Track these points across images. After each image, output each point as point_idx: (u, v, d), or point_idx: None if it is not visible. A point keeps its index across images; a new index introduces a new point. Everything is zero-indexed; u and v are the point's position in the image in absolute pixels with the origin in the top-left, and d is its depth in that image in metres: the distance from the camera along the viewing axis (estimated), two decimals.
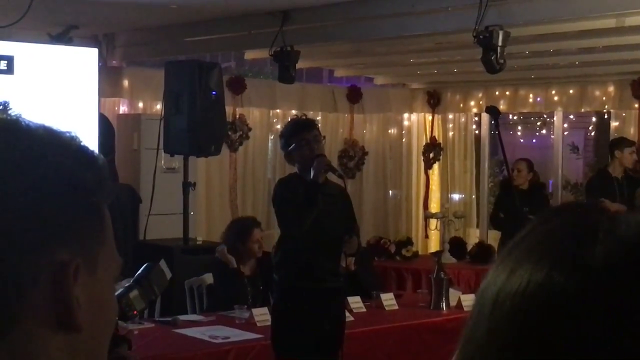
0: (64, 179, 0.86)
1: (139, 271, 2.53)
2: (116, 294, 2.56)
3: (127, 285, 2.49)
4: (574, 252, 0.74)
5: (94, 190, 0.89)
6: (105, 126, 8.67)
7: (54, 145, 0.88)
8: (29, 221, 0.83)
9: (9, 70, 7.71)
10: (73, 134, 0.91)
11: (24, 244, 0.83)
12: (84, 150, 0.90)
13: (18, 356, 0.84)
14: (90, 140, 8.06)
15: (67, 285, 0.86)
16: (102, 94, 8.66)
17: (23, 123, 0.89)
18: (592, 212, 0.79)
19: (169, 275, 2.65)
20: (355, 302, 6.64)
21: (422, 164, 12.01)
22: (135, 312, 2.48)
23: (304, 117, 6.32)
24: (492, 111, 6.05)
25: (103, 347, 0.93)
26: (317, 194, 5.13)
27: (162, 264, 2.63)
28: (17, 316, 0.84)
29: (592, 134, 15.37)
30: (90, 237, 0.88)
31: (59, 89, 8.06)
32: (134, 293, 2.47)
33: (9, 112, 6.88)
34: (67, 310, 0.86)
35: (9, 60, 7.71)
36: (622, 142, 9.14)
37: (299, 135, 5.32)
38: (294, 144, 5.31)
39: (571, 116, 12.13)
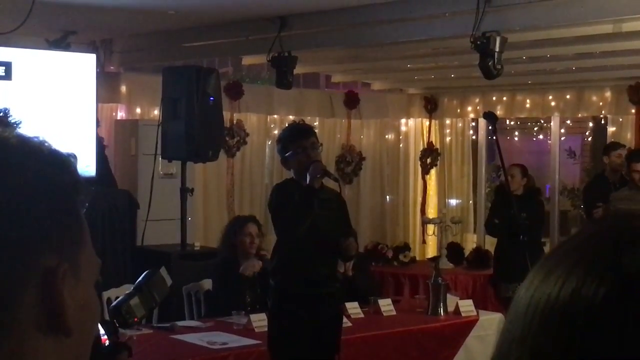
0: (43, 185, 0.86)
1: (140, 278, 2.53)
2: (117, 301, 2.57)
3: (127, 292, 2.49)
4: (609, 258, 0.74)
5: (71, 193, 0.89)
6: (100, 153, 8.59)
7: (27, 152, 0.88)
8: (14, 229, 0.84)
9: (7, 76, 7.71)
10: (41, 138, 0.90)
11: (10, 252, 0.84)
12: (56, 153, 0.90)
13: None
14: (88, 145, 8.06)
15: (57, 289, 0.86)
16: (99, 99, 8.66)
17: None
18: (635, 220, 0.78)
19: (169, 282, 2.65)
20: (353, 308, 6.64)
21: (420, 169, 12.03)
22: (135, 319, 2.48)
23: (302, 123, 6.31)
24: (490, 117, 6.05)
25: (88, 348, 0.94)
26: (312, 200, 5.14)
27: (163, 271, 2.63)
28: (7, 323, 0.84)
29: (589, 139, 15.37)
30: (73, 239, 0.89)
31: (57, 94, 8.06)
32: (134, 300, 2.47)
33: (9, 119, 6.88)
34: (58, 314, 0.87)
35: (7, 66, 7.71)
36: (610, 147, 9.15)
37: (296, 141, 5.30)
38: (291, 150, 5.30)
39: (568, 121, 12.14)
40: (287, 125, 6.62)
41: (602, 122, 11.89)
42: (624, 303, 0.71)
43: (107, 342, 2.48)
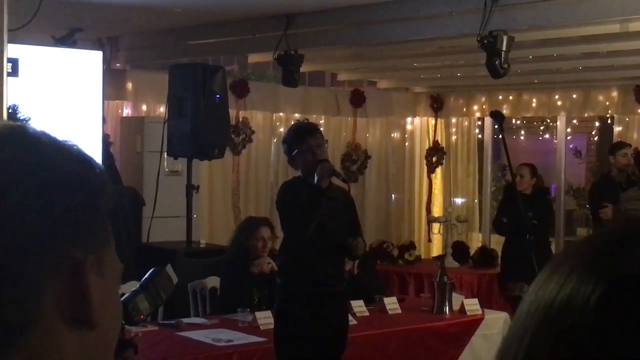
0: (72, 182, 0.89)
1: (145, 276, 2.53)
2: (122, 298, 2.56)
3: (133, 290, 2.49)
4: (607, 259, 0.73)
5: (97, 193, 0.91)
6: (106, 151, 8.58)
7: (58, 150, 0.90)
8: (42, 223, 0.85)
9: (14, 72, 7.70)
10: (71, 141, 0.93)
11: (38, 245, 0.85)
12: (85, 155, 0.93)
13: (35, 354, 0.86)
14: (94, 142, 8.07)
15: (84, 281, 0.88)
16: (105, 96, 8.67)
17: (29, 129, 0.91)
18: (637, 222, 0.78)
19: (175, 280, 2.64)
20: (358, 306, 6.64)
21: (425, 168, 12.03)
22: (141, 316, 2.48)
23: (306, 122, 6.31)
24: (497, 116, 6.04)
25: (112, 347, 0.95)
26: (320, 199, 5.13)
27: (169, 268, 2.63)
28: (35, 316, 0.85)
29: (595, 138, 15.37)
30: (98, 237, 0.91)
31: (63, 91, 8.07)
32: (140, 298, 2.47)
33: (18, 115, 6.88)
34: (84, 306, 0.88)
35: (14, 62, 7.70)
36: (615, 146, 9.13)
37: (302, 140, 5.30)
38: (297, 150, 5.30)
39: (574, 121, 12.12)
40: (292, 124, 6.60)
41: (609, 121, 11.88)
42: (619, 304, 0.70)
43: None
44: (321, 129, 5.81)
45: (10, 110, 6.14)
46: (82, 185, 0.89)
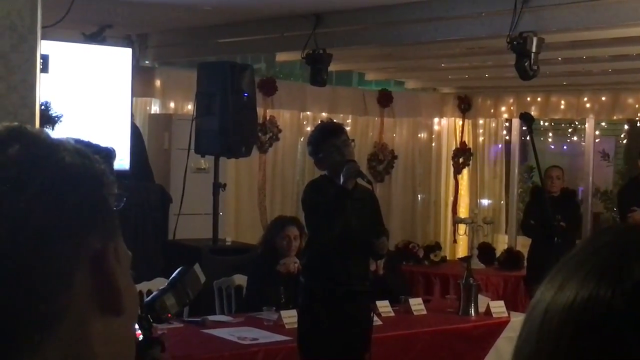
0: (78, 172, 0.90)
1: (174, 274, 2.54)
2: (150, 297, 2.57)
3: (161, 288, 2.50)
4: (621, 266, 0.75)
5: (101, 182, 0.93)
6: (133, 132, 8.63)
7: (57, 145, 0.91)
8: (62, 214, 0.87)
9: (44, 69, 7.71)
10: (64, 137, 0.95)
11: (63, 237, 0.86)
12: (81, 148, 0.94)
13: (67, 345, 0.87)
14: (123, 138, 8.11)
15: (110, 268, 0.90)
16: (134, 93, 8.71)
17: (27, 128, 0.92)
18: None
19: (203, 279, 2.65)
20: (384, 307, 6.63)
21: (452, 168, 11.98)
22: (169, 315, 2.49)
23: (331, 122, 6.29)
24: (526, 118, 6.00)
25: (134, 333, 0.97)
26: (346, 201, 5.12)
27: (197, 267, 2.64)
28: (66, 307, 0.87)
29: (624, 141, 15.26)
30: (110, 225, 0.92)
31: (92, 88, 8.12)
32: (168, 296, 2.48)
33: (50, 112, 6.93)
34: (112, 293, 0.90)
35: (44, 59, 7.74)
36: None
37: (328, 141, 5.28)
38: (323, 150, 5.28)
39: (603, 123, 12.04)
40: (316, 125, 6.56)
41: (638, 124, 11.80)
42: (637, 310, 0.72)
43: (140, 337, 2.49)
44: (348, 128, 5.82)
45: (42, 107, 6.16)
46: (87, 175, 0.91)
